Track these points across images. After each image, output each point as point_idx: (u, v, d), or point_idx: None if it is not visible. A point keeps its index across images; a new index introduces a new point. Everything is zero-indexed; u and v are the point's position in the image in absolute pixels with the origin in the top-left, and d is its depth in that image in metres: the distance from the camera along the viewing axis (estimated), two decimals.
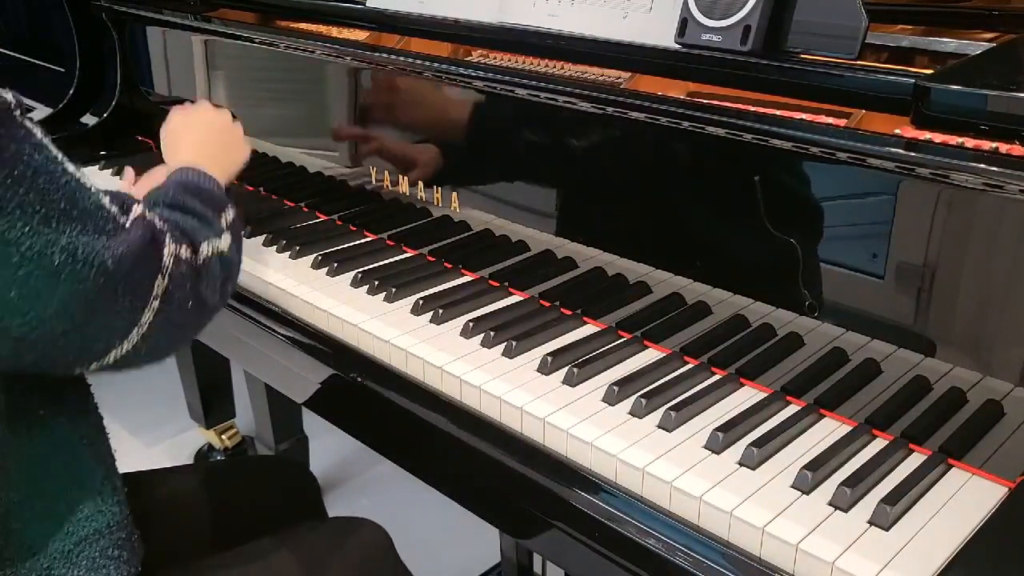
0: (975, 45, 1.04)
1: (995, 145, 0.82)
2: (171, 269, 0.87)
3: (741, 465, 0.88)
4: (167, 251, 0.87)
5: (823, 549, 0.77)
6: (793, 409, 0.97)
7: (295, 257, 1.34)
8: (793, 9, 0.98)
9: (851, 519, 0.81)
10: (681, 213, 1.08)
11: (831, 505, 0.82)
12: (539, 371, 1.04)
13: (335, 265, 1.29)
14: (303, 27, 1.51)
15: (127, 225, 0.83)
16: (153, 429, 2.50)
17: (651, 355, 1.08)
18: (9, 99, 0.75)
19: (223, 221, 1.02)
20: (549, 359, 1.04)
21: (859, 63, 0.94)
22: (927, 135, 0.86)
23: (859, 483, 0.83)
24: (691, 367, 1.04)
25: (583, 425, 0.94)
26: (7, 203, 0.73)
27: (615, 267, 1.14)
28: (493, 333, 1.09)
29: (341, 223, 1.46)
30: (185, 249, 0.90)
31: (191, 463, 2.31)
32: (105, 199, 0.82)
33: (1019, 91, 0.82)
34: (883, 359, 0.94)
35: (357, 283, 1.25)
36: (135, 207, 0.87)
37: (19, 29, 2.17)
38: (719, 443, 0.90)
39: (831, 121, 0.92)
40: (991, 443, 0.87)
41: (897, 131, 0.88)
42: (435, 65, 1.26)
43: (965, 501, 0.83)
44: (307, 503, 1.34)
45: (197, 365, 2.15)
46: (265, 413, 2.15)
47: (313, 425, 2.22)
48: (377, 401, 1.10)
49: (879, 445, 0.90)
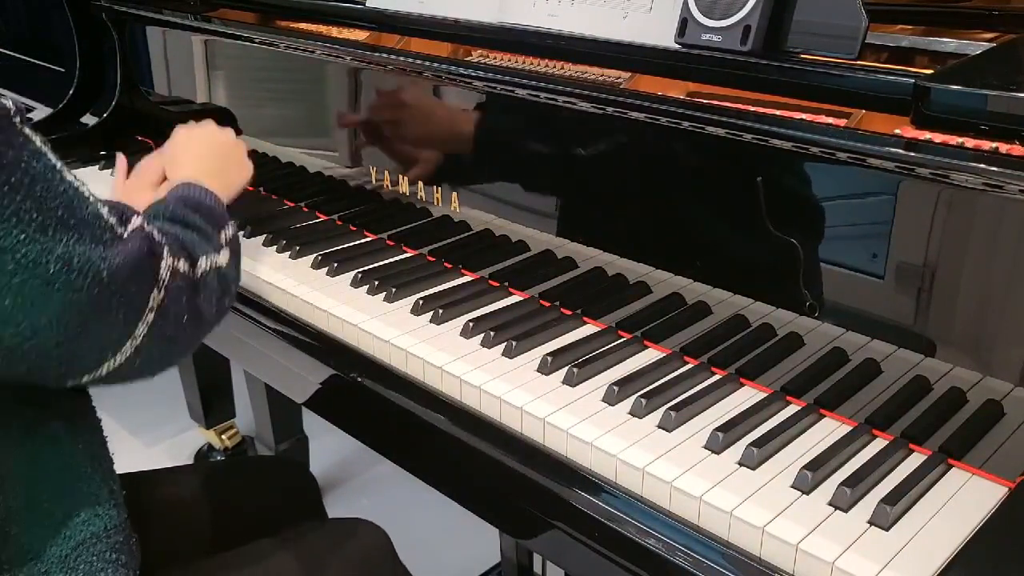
0: (975, 45, 1.04)
1: (995, 145, 0.82)
2: (168, 282, 0.86)
3: (741, 465, 0.88)
4: (164, 264, 0.86)
5: (823, 549, 0.77)
6: (793, 409, 0.97)
7: (295, 257, 1.34)
8: (793, 9, 0.98)
9: (851, 519, 0.81)
10: (681, 213, 1.08)
11: (831, 505, 0.82)
12: (539, 371, 1.04)
13: (335, 265, 1.29)
14: (303, 27, 1.50)
15: (125, 236, 0.83)
16: (153, 429, 2.50)
17: (651, 355, 1.08)
18: (9, 105, 0.74)
19: (222, 237, 1.02)
20: (549, 359, 1.04)
21: (859, 63, 0.93)
22: (927, 135, 0.86)
23: (859, 483, 0.83)
24: (691, 367, 1.04)
25: (583, 425, 0.94)
26: (4, 210, 0.72)
27: (615, 267, 1.14)
28: (493, 333, 1.09)
29: (341, 223, 1.46)
30: (183, 263, 0.90)
31: (191, 463, 2.31)
32: (103, 209, 0.82)
33: (1019, 91, 0.82)
34: (883, 359, 0.94)
35: (357, 283, 1.25)
36: (134, 219, 0.86)
37: (19, 29, 2.16)
38: (719, 443, 0.90)
39: (831, 121, 0.92)
40: (991, 443, 0.87)
41: (897, 131, 0.88)
42: (435, 65, 1.26)
43: (965, 501, 0.83)
44: (307, 503, 1.34)
45: (197, 365, 2.15)
46: (265, 413, 2.16)
47: (313, 425, 2.22)
48: (377, 401, 1.10)
49: (879, 445, 0.90)
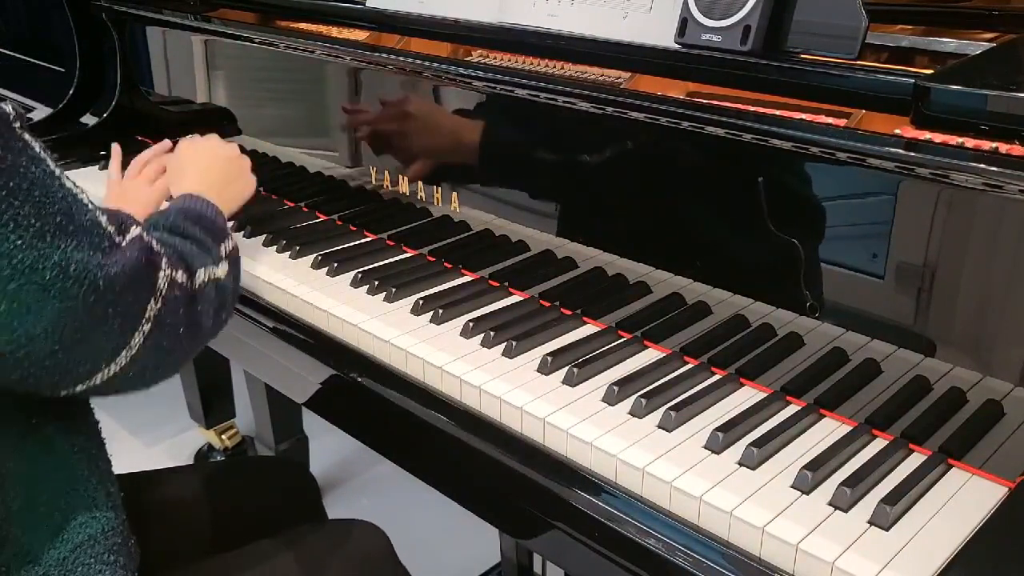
0: (975, 45, 1.04)
1: (995, 145, 0.82)
2: (165, 293, 0.86)
3: (741, 465, 0.88)
4: (162, 274, 0.86)
5: (823, 549, 0.77)
6: (793, 409, 0.96)
7: (295, 257, 1.34)
8: (793, 9, 0.98)
9: (851, 519, 0.81)
10: (681, 213, 1.08)
11: (831, 505, 0.82)
12: (539, 371, 1.03)
13: (335, 265, 1.29)
14: (303, 27, 1.51)
15: (123, 245, 0.83)
16: (153, 429, 2.50)
17: (651, 355, 1.08)
18: (8, 111, 0.74)
19: (222, 250, 1.02)
20: (549, 359, 1.04)
21: (859, 63, 0.93)
22: (927, 135, 0.86)
23: (859, 483, 0.83)
24: (691, 367, 1.04)
25: (583, 425, 0.94)
26: (1, 215, 0.72)
27: (615, 267, 1.14)
28: (493, 333, 1.09)
29: (341, 223, 1.46)
30: (181, 274, 0.90)
31: (191, 463, 2.31)
32: (102, 217, 0.82)
33: (1019, 91, 0.82)
34: (883, 359, 0.94)
35: (357, 283, 1.25)
36: (133, 228, 0.86)
37: (19, 29, 2.17)
38: (719, 443, 0.90)
39: (831, 121, 0.92)
40: (991, 443, 0.87)
41: (897, 131, 0.88)
42: (435, 65, 1.26)
43: (965, 501, 0.83)
44: (307, 504, 1.34)
45: (197, 365, 2.15)
46: (265, 413, 2.16)
47: (313, 425, 2.22)
48: (377, 401, 1.10)
49: (879, 445, 0.90)
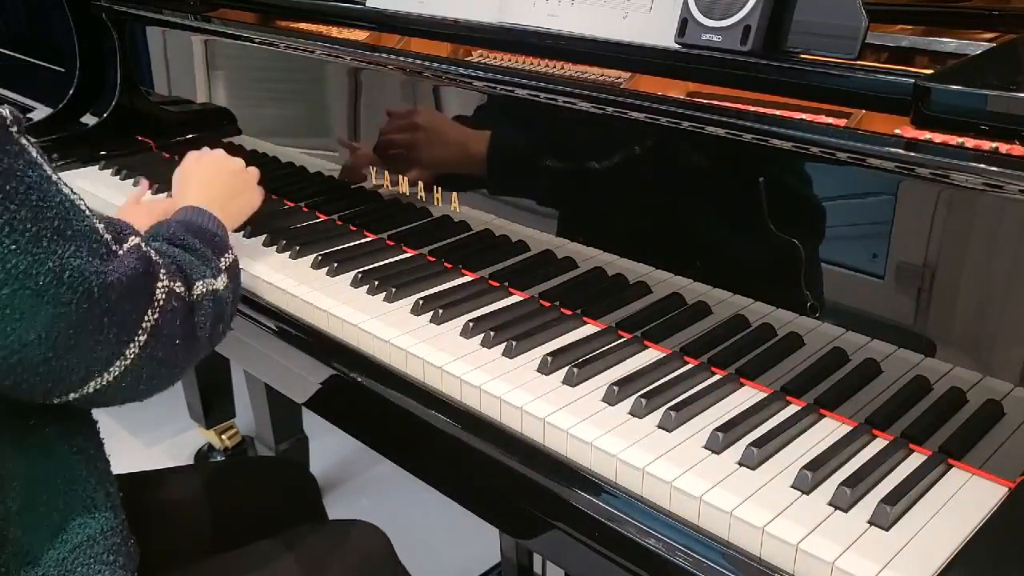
0: (975, 45, 1.04)
1: (995, 145, 0.82)
2: (163, 304, 0.86)
3: (741, 465, 0.88)
4: (160, 285, 0.86)
5: (823, 549, 0.77)
6: (793, 409, 0.96)
7: (295, 257, 1.34)
8: (793, 9, 0.98)
9: (851, 519, 0.81)
10: (681, 213, 1.08)
11: (831, 505, 0.82)
12: (539, 371, 1.03)
13: (335, 265, 1.29)
14: (303, 27, 1.51)
15: (120, 253, 0.82)
16: (153, 429, 2.50)
17: (651, 355, 1.08)
18: (6, 115, 0.74)
19: (222, 262, 1.02)
20: (549, 359, 1.04)
21: (859, 63, 0.93)
22: (927, 135, 0.86)
23: (859, 483, 0.83)
24: (691, 367, 1.04)
25: (583, 425, 0.94)
26: None
27: (615, 267, 1.14)
28: (493, 333, 1.09)
29: (341, 223, 1.46)
30: (179, 285, 0.90)
31: (191, 463, 2.31)
32: (100, 224, 0.82)
33: (1019, 91, 0.82)
34: (883, 359, 0.94)
35: (357, 283, 1.25)
36: (131, 237, 0.86)
37: (19, 29, 2.17)
38: (719, 443, 0.90)
39: (831, 121, 0.92)
40: (991, 443, 0.87)
41: (897, 131, 0.88)
42: (435, 65, 1.26)
43: (965, 501, 0.83)
44: (307, 504, 1.34)
45: (197, 365, 2.14)
46: (265, 413, 2.16)
47: (313, 425, 2.22)
48: (377, 401, 1.10)
49: (879, 445, 0.90)
